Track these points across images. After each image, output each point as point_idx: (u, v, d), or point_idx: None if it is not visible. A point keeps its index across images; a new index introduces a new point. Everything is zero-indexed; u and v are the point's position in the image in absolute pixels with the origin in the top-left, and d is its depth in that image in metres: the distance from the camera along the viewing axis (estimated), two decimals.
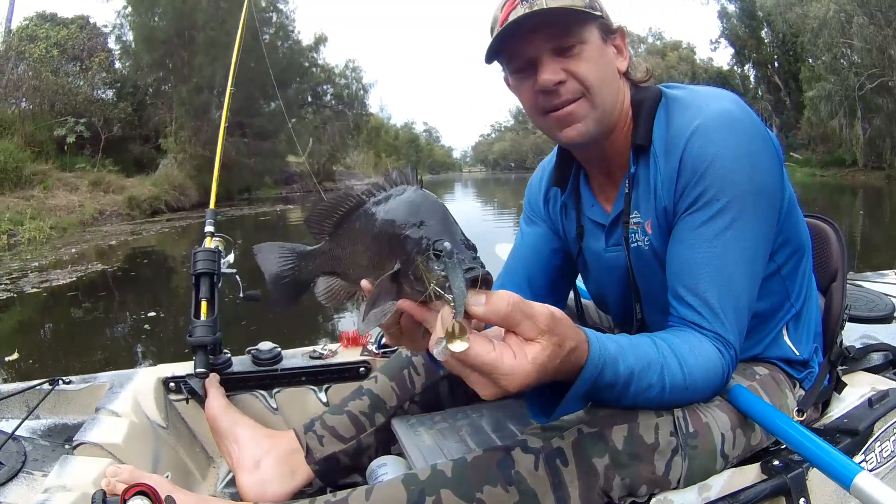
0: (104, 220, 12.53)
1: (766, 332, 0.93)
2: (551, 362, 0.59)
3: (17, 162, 12.23)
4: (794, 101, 26.04)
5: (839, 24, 18.57)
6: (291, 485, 1.04)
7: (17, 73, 14.57)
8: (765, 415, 0.81)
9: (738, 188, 0.79)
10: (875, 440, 0.93)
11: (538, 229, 1.12)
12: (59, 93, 15.47)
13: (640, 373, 0.73)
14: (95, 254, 8.12)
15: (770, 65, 28.15)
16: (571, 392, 0.65)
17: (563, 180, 1.04)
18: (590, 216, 1.01)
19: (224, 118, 1.82)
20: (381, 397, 1.10)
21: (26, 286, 5.72)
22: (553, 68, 0.84)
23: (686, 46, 32.97)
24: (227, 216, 13.55)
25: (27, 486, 0.94)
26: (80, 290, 5.65)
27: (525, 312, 0.57)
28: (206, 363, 1.20)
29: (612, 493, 0.75)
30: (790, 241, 0.91)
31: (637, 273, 0.93)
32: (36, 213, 10.52)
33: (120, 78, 19.83)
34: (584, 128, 0.87)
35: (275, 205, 17.17)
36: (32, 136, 14.06)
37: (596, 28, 0.86)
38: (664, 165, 0.85)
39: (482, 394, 0.58)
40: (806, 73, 22.14)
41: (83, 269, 6.67)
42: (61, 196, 12.38)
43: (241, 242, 1.43)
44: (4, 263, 7.38)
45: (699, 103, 0.85)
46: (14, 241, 9.17)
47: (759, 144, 0.81)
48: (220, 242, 1.38)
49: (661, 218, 0.87)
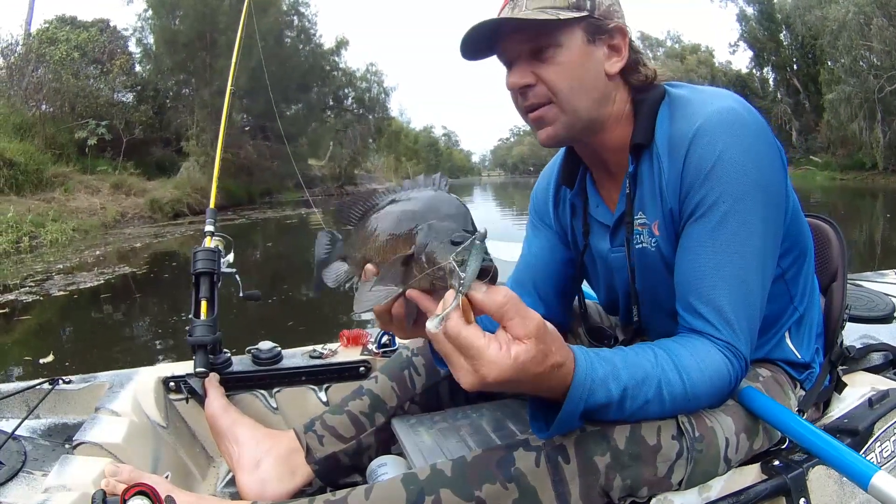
0: (126, 222, 12.51)
1: (770, 336, 0.93)
2: (532, 367, 0.61)
3: (37, 164, 12.18)
4: (813, 104, 25.89)
5: (858, 26, 18.43)
6: (291, 484, 1.04)
7: (38, 75, 14.56)
8: (778, 416, 0.81)
9: (744, 188, 0.78)
10: (875, 440, 0.93)
11: (545, 238, 1.11)
12: (80, 95, 15.47)
13: (635, 389, 0.72)
14: (120, 256, 8.04)
15: (789, 67, 27.99)
16: (563, 413, 0.66)
17: (570, 179, 1.03)
18: (595, 216, 1.00)
19: (224, 118, 1.82)
20: (381, 397, 1.10)
21: (52, 289, 5.64)
22: (522, 71, 0.84)
23: (705, 49, 32.62)
24: (251, 219, 13.58)
25: (27, 486, 0.94)
26: (107, 292, 5.60)
27: (518, 310, 0.60)
28: (205, 363, 1.20)
29: (613, 492, 0.75)
30: (795, 245, 0.90)
31: (641, 275, 0.92)
32: (57, 216, 10.49)
33: (140, 81, 19.85)
34: (553, 132, 0.87)
35: (296, 208, 17.12)
36: (53, 138, 14.03)
37: (579, 29, 0.83)
38: (668, 166, 0.84)
39: (462, 381, 0.61)
40: (825, 76, 22.01)
41: (109, 272, 6.59)
42: (82, 198, 12.35)
43: (270, 245, 1.44)
44: (27, 266, 7.34)
45: (702, 102, 0.83)
46: (36, 244, 9.12)
47: (762, 144, 0.80)
48: (220, 242, 1.38)
49: (668, 219, 0.86)
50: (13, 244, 8.75)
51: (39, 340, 4.19)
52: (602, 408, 0.71)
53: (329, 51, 26.44)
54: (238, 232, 11.75)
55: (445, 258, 0.58)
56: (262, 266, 7.66)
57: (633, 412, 0.74)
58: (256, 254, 8.99)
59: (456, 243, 0.58)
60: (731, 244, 0.78)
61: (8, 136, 12.38)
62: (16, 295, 5.40)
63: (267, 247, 9.20)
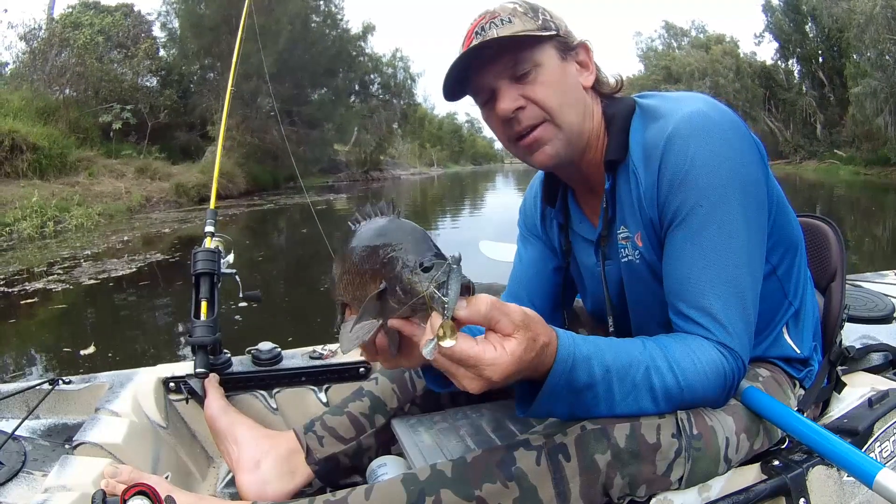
0: (151, 207, 12.33)
1: (768, 333, 0.93)
2: (527, 354, 0.64)
3: (61, 148, 12.06)
4: (838, 98, 25.53)
5: (886, 19, 18.06)
6: (291, 485, 1.04)
7: (61, 59, 14.49)
8: (781, 415, 0.81)
9: (721, 189, 0.79)
10: (875, 440, 0.93)
11: (535, 249, 1.12)
12: (104, 79, 15.42)
13: (621, 372, 0.73)
14: (148, 242, 7.79)
15: (814, 60, 27.59)
16: (545, 388, 0.69)
17: (552, 197, 1.05)
18: (579, 232, 1.02)
19: (224, 118, 1.82)
20: (381, 399, 1.10)
21: (82, 277, 5.41)
22: (511, 96, 0.85)
23: (730, 40, 31.93)
24: (279, 205, 13.37)
25: (27, 486, 0.94)
26: (142, 280, 5.40)
27: (502, 311, 0.63)
28: (205, 363, 1.20)
29: (612, 490, 0.75)
30: (782, 240, 0.91)
31: (630, 287, 0.93)
32: (82, 200, 10.38)
33: (165, 65, 19.77)
34: (552, 150, 0.87)
35: (321, 193, 16.99)
36: (76, 122, 13.95)
37: (552, 48, 0.85)
38: (644, 176, 0.85)
39: (469, 388, 0.63)
40: (850, 70, 21.68)
41: (141, 259, 6.32)
42: (107, 183, 12.23)
43: (306, 231, 1.41)
44: (52, 251, 7.14)
45: (671, 109, 0.84)
46: (60, 228, 8.99)
47: (735, 141, 0.81)
48: (220, 242, 1.38)
49: (649, 229, 0.87)
50: (38, 229, 8.67)
51: (76, 331, 4.05)
52: (586, 388, 0.72)
53: (356, 36, 26.28)
54: (269, 216, 11.56)
55: (423, 286, 0.59)
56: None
57: (624, 398, 0.74)
58: (283, 239, 8.85)
59: (427, 269, 0.59)
60: (715, 246, 0.79)
61: (31, 121, 12.27)
62: (44, 283, 5.19)
63: (302, 233, 8.95)
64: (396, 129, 31.26)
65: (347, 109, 24.97)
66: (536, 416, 0.74)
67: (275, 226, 10.12)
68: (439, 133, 53.60)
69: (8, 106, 12.33)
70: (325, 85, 19.89)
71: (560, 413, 0.76)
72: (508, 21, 0.83)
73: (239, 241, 8.48)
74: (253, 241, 8.66)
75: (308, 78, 19.08)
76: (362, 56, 27.04)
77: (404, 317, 0.64)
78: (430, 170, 40.83)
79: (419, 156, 39.32)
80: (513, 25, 0.83)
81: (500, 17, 0.84)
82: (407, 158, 36.91)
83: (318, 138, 21.64)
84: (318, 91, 22.75)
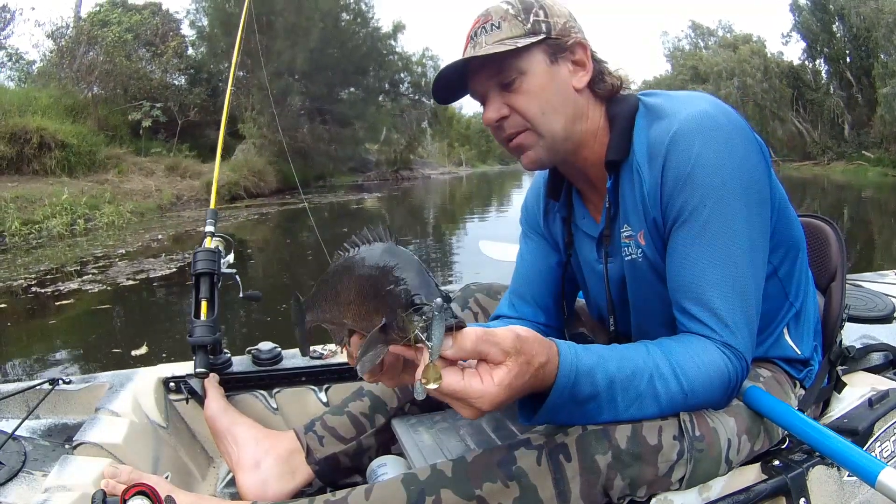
0: (182, 205, 12.12)
1: (769, 334, 0.93)
2: (518, 380, 0.64)
3: (90, 146, 11.95)
4: (866, 98, 25.09)
5: None
6: (291, 485, 1.04)
7: (89, 57, 14.40)
8: (784, 415, 0.81)
9: (724, 189, 0.79)
10: (875, 440, 0.93)
11: (537, 246, 1.12)
12: (133, 77, 15.32)
13: (625, 382, 0.73)
14: (182, 241, 7.56)
15: (842, 60, 27.06)
16: (548, 402, 0.69)
17: (556, 192, 1.05)
18: (582, 227, 1.02)
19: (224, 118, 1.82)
20: (381, 399, 1.10)
21: (119, 277, 5.23)
22: (495, 106, 0.87)
23: (757, 40, 31.22)
24: (314, 204, 13.20)
25: (27, 486, 0.94)
26: (185, 281, 5.11)
27: (490, 342, 0.63)
28: (205, 363, 1.20)
29: (612, 491, 0.75)
30: (784, 241, 0.91)
31: (633, 286, 0.93)
32: (112, 198, 10.26)
33: (194, 64, 19.64)
34: (534, 155, 0.89)
35: (350, 192, 16.85)
36: (105, 120, 13.87)
37: (540, 52, 0.85)
38: (648, 175, 0.85)
39: (465, 415, 0.66)
40: (879, 70, 21.44)
41: (180, 259, 6.07)
42: (137, 180, 12.08)
43: (346, 230, 1.39)
44: (83, 249, 6.98)
45: (675, 109, 0.84)
46: (91, 226, 8.84)
47: (738, 141, 0.81)
48: (220, 242, 1.38)
49: (652, 228, 0.87)
50: (67, 226, 8.54)
51: (122, 332, 3.94)
52: (589, 399, 0.72)
53: (386, 35, 25.93)
54: (300, 216, 11.16)
55: (411, 324, 0.61)
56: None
57: (628, 407, 0.74)
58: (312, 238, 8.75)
59: (418, 309, 0.61)
60: (718, 246, 0.79)
61: (59, 118, 12.15)
62: (79, 283, 5.05)
63: (336, 231, 8.75)
64: (426, 128, 31.00)
65: (378, 108, 24.78)
66: (539, 424, 0.74)
67: (304, 224, 9.95)
68: (467, 132, 53.23)
69: (36, 103, 12.18)
70: (356, 83, 19.80)
71: (563, 421, 0.76)
72: (497, 27, 0.84)
73: (271, 240, 8.34)
74: (282, 239, 8.48)
75: (339, 76, 19.01)
76: (392, 55, 26.66)
77: (406, 344, 0.66)
78: (458, 169, 40.46)
79: (448, 155, 39.11)
80: (500, 32, 0.83)
81: (492, 20, 0.84)
82: (436, 158, 36.70)
83: (348, 137, 21.48)
84: (348, 89, 22.67)
